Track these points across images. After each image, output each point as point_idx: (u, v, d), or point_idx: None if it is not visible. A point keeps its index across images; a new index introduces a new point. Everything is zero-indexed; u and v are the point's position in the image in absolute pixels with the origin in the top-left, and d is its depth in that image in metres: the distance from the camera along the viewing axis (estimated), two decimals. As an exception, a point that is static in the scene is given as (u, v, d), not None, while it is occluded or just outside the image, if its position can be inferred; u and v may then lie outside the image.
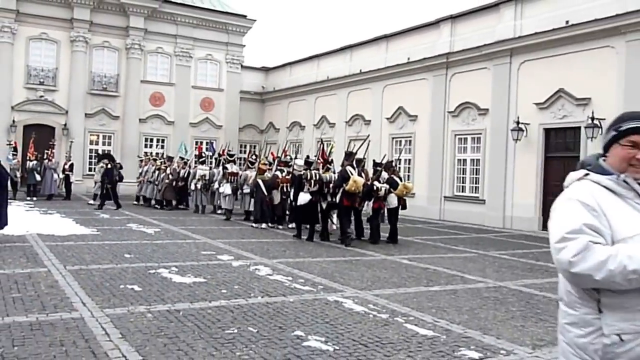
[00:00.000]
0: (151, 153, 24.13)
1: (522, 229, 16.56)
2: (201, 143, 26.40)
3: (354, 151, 12.35)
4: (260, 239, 12.06)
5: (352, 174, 11.60)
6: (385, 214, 12.67)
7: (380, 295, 6.98)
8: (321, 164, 12.86)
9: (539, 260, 10.68)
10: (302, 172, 12.59)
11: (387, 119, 21.97)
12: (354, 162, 12.24)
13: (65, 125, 25.25)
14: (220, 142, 25.90)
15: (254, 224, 14.49)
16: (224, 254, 9.80)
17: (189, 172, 19.09)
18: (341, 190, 11.54)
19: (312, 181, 12.16)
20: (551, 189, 16.16)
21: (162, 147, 26.92)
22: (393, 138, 21.86)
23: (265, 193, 14.48)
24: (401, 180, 12.89)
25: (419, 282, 7.99)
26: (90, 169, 25.88)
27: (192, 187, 18.38)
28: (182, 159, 20.27)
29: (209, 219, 16.33)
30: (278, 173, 15.01)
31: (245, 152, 25.98)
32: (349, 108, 24.17)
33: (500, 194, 17.50)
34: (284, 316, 5.76)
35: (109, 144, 26.51)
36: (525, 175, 16.78)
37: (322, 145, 14.07)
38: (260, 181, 14.68)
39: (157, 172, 19.51)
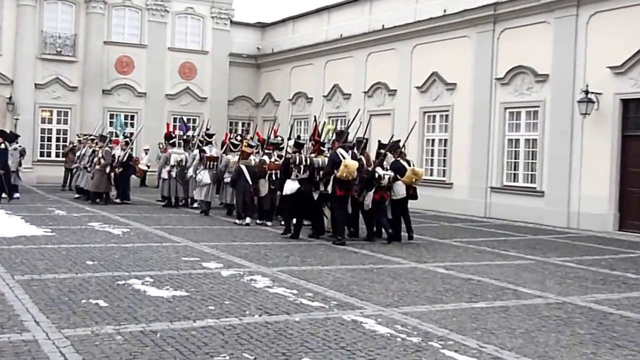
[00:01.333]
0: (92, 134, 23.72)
1: (592, 228, 16.50)
2: (174, 120, 26.43)
3: (345, 130, 12.84)
4: (256, 242, 12.12)
5: (343, 158, 11.87)
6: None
7: (410, 313, 6.99)
8: (313, 147, 13.27)
9: (614, 270, 10.64)
10: (290, 156, 12.89)
11: (418, 88, 21.91)
12: (356, 145, 12.75)
13: (10, 98, 25.40)
14: (205, 117, 25.98)
15: (237, 220, 14.95)
16: (210, 260, 9.85)
17: (130, 155, 19.51)
18: (332, 177, 11.88)
19: (302, 167, 12.51)
20: (631, 177, 16.06)
21: (132, 124, 27.02)
22: (425, 112, 21.80)
23: (250, 182, 14.68)
24: (409, 165, 13.31)
25: (459, 296, 8.00)
26: (42, 154, 26.06)
27: (165, 175, 18.56)
28: (125, 137, 20.39)
29: (190, 216, 16.43)
30: (266, 158, 15.25)
31: (236, 131, 26.11)
32: (369, 75, 24.13)
33: (564, 184, 17.43)
34: (287, 339, 5.79)
35: (65, 122, 26.68)
36: (597, 159, 16.68)
37: (315, 123, 14.38)
38: (243, 167, 14.90)
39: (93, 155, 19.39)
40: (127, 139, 20.20)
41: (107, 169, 18.64)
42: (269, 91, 29.86)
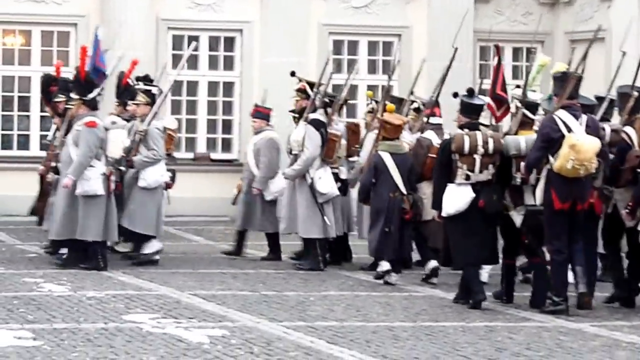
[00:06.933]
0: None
1: None
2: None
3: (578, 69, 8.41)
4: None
5: (569, 130, 8.07)
6: None
7: None
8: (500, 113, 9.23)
9: None
10: (452, 136, 9.04)
11: None
12: (620, 100, 8.85)
13: None
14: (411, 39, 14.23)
15: (382, 274, 9.91)
16: None
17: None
18: (547, 172, 8.08)
19: (477, 157, 8.59)
20: None
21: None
22: None
23: (404, 191, 10.02)
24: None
25: None
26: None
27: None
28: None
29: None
30: (431, 136, 10.51)
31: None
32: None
33: None
34: None
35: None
36: None
37: (498, 58, 9.26)
38: (387, 158, 10.09)
39: None
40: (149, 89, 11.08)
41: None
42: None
